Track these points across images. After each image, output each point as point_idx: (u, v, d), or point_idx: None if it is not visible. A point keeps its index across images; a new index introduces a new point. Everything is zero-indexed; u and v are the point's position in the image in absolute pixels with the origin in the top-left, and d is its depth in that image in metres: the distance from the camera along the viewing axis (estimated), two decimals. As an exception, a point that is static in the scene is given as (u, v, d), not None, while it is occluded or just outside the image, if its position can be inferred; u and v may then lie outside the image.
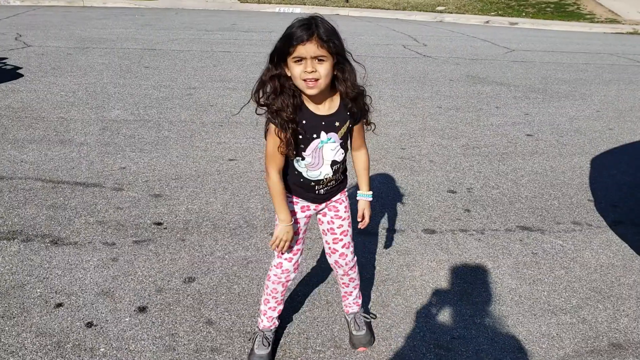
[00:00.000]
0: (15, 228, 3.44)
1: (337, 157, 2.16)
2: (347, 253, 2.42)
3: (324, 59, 1.90)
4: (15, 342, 2.45)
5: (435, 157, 5.07)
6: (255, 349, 2.42)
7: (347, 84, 1.99)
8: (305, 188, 2.21)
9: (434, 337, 2.64)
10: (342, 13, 19.30)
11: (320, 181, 2.19)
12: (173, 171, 4.44)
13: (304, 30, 1.86)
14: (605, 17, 19.86)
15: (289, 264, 2.34)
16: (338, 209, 2.34)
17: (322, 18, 1.92)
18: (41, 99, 6.27)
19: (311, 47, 1.86)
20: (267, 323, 2.47)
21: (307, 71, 1.88)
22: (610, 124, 6.39)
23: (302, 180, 2.18)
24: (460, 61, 10.08)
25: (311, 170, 2.15)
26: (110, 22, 13.17)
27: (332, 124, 2.07)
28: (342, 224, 2.36)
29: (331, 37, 1.89)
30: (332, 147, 2.12)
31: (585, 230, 3.81)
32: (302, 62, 1.89)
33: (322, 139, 2.08)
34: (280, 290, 2.41)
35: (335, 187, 2.28)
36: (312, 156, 2.11)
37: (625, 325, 2.80)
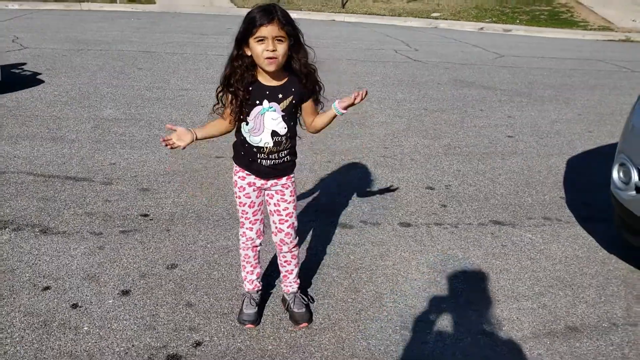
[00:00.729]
0: (7, 218, 3.60)
1: (278, 129, 2.37)
2: (292, 232, 2.65)
3: (282, 39, 2.20)
4: (4, 321, 2.60)
5: (416, 156, 5.24)
6: (243, 309, 2.71)
7: (300, 62, 2.31)
8: (248, 154, 2.44)
9: (401, 320, 2.80)
10: (338, 19, 19.52)
11: (261, 149, 2.40)
12: (162, 167, 4.60)
13: (265, 14, 2.16)
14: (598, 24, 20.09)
15: (251, 232, 2.65)
16: (284, 193, 2.58)
17: (279, 5, 2.23)
18: (35, 98, 6.43)
19: (273, 29, 2.17)
20: (249, 286, 2.76)
21: (269, 49, 2.18)
22: (590, 127, 6.57)
23: (247, 146, 2.43)
24: (449, 66, 10.27)
25: (253, 135, 2.39)
26: (106, 25, 13.35)
27: (275, 95, 2.34)
28: (287, 207, 2.60)
29: (289, 21, 2.21)
30: (273, 117, 2.36)
31: (555, 225, 3.98)
32: (264, 42, 2.18)
33: (264, 106, 2.34)
34: (252, 254, 2.70)
35: (279, 164, 2.47)
36: (254, 122, 2.36)
37: (582, 310, 2.96)
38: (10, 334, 2.52)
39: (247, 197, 2.57)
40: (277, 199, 2.58)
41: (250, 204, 2.59)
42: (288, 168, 2.54)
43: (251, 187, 2.54)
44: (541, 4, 22.36)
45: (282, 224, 2.62)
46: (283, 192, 2.57)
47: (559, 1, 22.57)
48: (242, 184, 2.54)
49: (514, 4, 22.13)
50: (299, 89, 2.37)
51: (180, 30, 13.15)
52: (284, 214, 2.60)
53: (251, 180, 2.53)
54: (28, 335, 2.52)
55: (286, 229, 2.63)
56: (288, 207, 2.60)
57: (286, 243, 2.67)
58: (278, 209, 2.60)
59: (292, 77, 2.36)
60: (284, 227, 2.63)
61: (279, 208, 2.59)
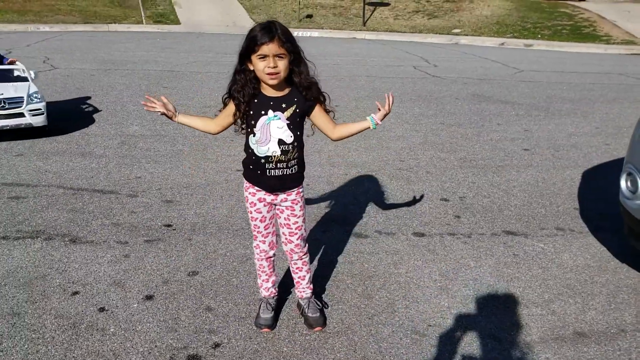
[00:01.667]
0: (39, 228, 3.80)
1: (284, 137, 2.48)
2: (301, 243, 2.78)
3: (283, 56, 2.33)
4: (37, 323, 2.78)
5: (432, 168, 5.34)
6: (260, 313, 2.84)
7: (301, 76, 2.43)
8: (257, 167, 2.53)
9: (412, 324, 2.89)
10: (359, 36, 19.79)
11: (269, 158, 2.49)
12: (185, 180, 4.79)
13: (266, 33, 2.29)
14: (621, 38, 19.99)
15: (264, 245, 2.76)
16: (294, 209, 2.69)
17: (279, 22, 2.36)
18: (65, 116, 6.71)
19: (273, 47, 2.29)
20: (265, 293, 2.89)
21: (270, 66, 2.31)
22: (607, 140, 6.60)
23: (254, 158, 2.52)
24: (468, 81, 10.37)
25: (260, 145, 2.48)
26: (132, 46, 13.76)
27: (279, 105, 2.46)
28: (297, 221, 2.72)
29: (289, 38, 2.33)
30: (278, 125, 2.46)
31: (568, 235, 4.04)
32: (266, 59, 2.31)
33: (269, 115, 2.45)
34: (266, 265, 2.82)
35: (287, 176, 2.56)
36: (261, 132, 2.46)
37: (592, 317, 3.02)
38: (42, 334, 2.69)
39: (258, 212, 2.67)
40: (288, 214, 2.69)
41: (262, 218, 2.69)
42: (296, 180, 2.63)
43: (262, 203, 2.65)
44: (563, 18, 22.33)
45: (292, 236, 2.75)
46: (293, 207, 2.68)
47: (581, 15, 22.51)
48: (253, 199, 2.64)
49: (536, 19, 22.15)
50: (302, 99, 2.50)
51: (204, 50, 13.49)
52: (294, 227, 2.73)
53: (261, 196, 2.63)
54: (58, 336, 2.68)
55: (296, 240, 2.76)
56: (298, 221, 2.72)
57: (296, 252, 2.80)
58: (288, 223, 2.72)
59: (294, 89, 2.49)
60: (293, 239, 2.75)
61: (289, 222, 2.71)
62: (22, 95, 5.77)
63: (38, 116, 5.81)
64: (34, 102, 5.81)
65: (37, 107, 5.81)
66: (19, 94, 5.76)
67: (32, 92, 5.89)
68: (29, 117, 5.73)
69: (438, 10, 23.64)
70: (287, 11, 23.31)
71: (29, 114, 5.73)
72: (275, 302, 2.91)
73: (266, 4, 24.52)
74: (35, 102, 5.83)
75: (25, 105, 5.72)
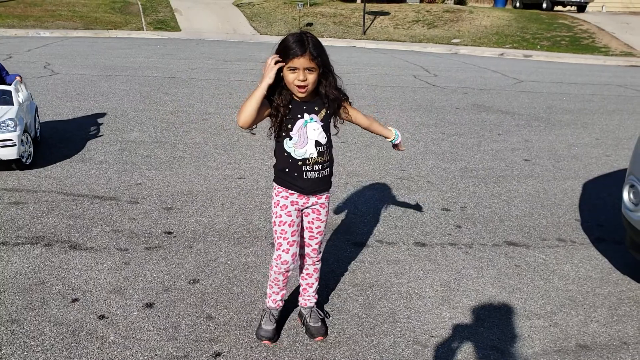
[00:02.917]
0: (38, 234, 3.78)
1: (319, 138, 2.51)
2: (318, 248, 2.80)
3: (313, 70, 2.37)
4: (36, 330, 2.75)
5: (433, 178, 5.34)
6: (262, 324, 2.79)
7: (327, 88, 2.48)
8: (294, 170, 2.53)
9: (414, 335, 2.88)
10: (359, 45, 19.83)
11: (306, 160, 2.51)
12: (185, 187, 4.77)
13: (298, 46, 2.31)
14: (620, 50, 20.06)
15: (287, 255, 2.66)
16: (320, 213, 2.70)
17: (311, 35, 2.38)
18: (65, 122, 6.70)
19: (304, 61, 2.33)
20: (272, 304, 2.82)
21: (300, 79, 2.36)
22: (607, 151, 6.61)
23: (291, 161, 2.52)
24: (468, 91, 10.39)
25: (297, 148, 2.50)
26: (133, 52, 13.78)
27: (312, 108, 2.51)
28: (320, 225, 2.73)
29: (320, 53, 2.36)
30: (314, 127, 2.50)
31: (569, 246, 4.03)
32: (296, 72, 2.35)
33: (305, 118, 2.49)
34: (282, 279, 2.74)
35: (322, 178, 2.58)
36: (298, 134, 2.49)
37: (594, 329, 3.01)
38: (41, 342, 2.67)
39: (288, 215, 2.61)
40: (313, 217, 2.69)
41: (291, 222, 2.62)
42: (328, 182, 2.66)
43: (293, 206, 2.61)
44: (562, 29, 22.41)
45: (311, 239, 2.75)
46: (319, 211, 2.69)
47: (580, 27, 22.60)
48: (285, 202, 2.60)
49: (535, 30, 22.23)
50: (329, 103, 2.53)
51: (204, 57, 13.51)
52: (316, 231, 2.73)
53: (294, 199, 2.60)
54: (57, 344, 2.66)
55: (314, 244, 2.76)
56: (321, 225, 2.73)
57: (311, 257, 2.80)
58: (310, 227, 2.71)
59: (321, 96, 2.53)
60: (312, 242, 2.76)
61: (311, 225, 2.71)
62: None
63: (6, 148, 4.74)
64: (4, 130, 4.76)
65: (6, 137, 4.73)
66: None
67: (6, 119, 4.85)
68: None
69: (438, 20, 23.72)
70: (288, 19, 23.37)
71: None
72: (279, 314, 2.86)
73: (267, 12, 24.60)
74: (5, 131, 4.76)
75: None
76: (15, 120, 4.90)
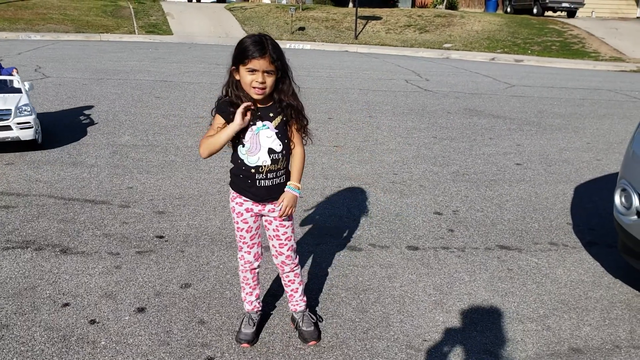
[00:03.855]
0: (29, 238, 3.75)
1: (273, 146, 2.48)
2: (292, 254, 2.77)
3: (272, 73, 2.34)
4: (26, 335, 2.72)
5: (425, 182, 5.35)
6: (242, 328, 2.78)
7: (281, 94, 2.45)
8: (247, 177, 2.51)
9: (407, 339, 2.87)
10: (351, 49, 19.87)
11: (259, 167, 2.49)
12: (177, 191, 4.75)
13: (258, 47, 2.28)
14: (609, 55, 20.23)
15: (249, 256, 2.72)
16: (282, 219, 2.66)
17: (270, 37, 2.35)
18: (57, 125, 6.66)
19: (264, 63, 2.29)
20: (248, 307, 2.84)
21: (258, 81, 2.32)
22: (598, 155, 6.65)
23: (244, 168, 2.50)
24: (460, 95, 10.43)
25: (250, 155, 2.48)
26: (125, 55, 13.73)
27: (267, 114, 2.46)
28: (286, 232, 2.70)
29: (279, 56, 2.33)
30: (267, 134, 2.47)
31: (561, 250, 4.04)
32: (255, 73, 2.31)
33: (257, 125, 2.45)
34: (250, 277, 2.77)
35: (276, 185, 2.56)
36: (250, 142, 2.46)
37: (587, 333, 3.02)
38: (31, 347, 2.64)
39: (244, 222, 2.64)
40: (276, 224, 2.67)
41: (248, 229, 2.65)
42: (283, 189, 2.60)
43: (249, 213, 2.62)
44: (553, 34, 22.58)
45: (282, 247, 2.72)
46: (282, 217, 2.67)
47: (570, 32, 22.78)
48: (240, 209, 2.61)
49: (526, 35, 22.37)
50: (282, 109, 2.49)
51: (196, 61, 13.49)
52: (284, 238, 2.70)
53: (249, 206, 2.60)
54: (48, 349, 2.63)
55: (286, 252, 2.74)
56: (287, 231, 2.70)
57: (287, 264, 2.77)
58: (277, 234, 2.69)
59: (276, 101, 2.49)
60: (284, 250, 2.73)
61: (278, 233, 2.69)
62: (10, 107, 5.52)
63: (26, 130, 5.55)
64: (22, 114, 5.55)
65: (26, 120, 5.56)
66: (8, 106, 5.53)
67: (22, 105, 5.65)
68: (16, 130, 5.50)
69: (429, 25, 23.82)
70: (280, 23, 23.39)
71: (16, 127, 5.49)
72: (258, 317, 2.85)
73: (259, 16, 24.61)
74: (25, 115, 5.57)
75: (12, 117, 5.48)
76: (30, 105, 5.80)
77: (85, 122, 6.89)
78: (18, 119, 5.52)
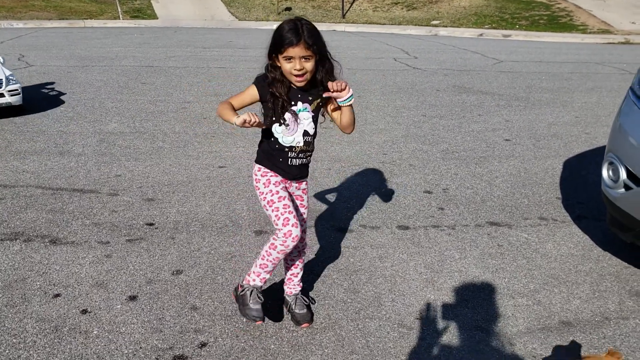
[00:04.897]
0: (17, 230, 3.72)
1: (308, 128, 2.51)
2: (304, 236, 2.77)
3: (309, 58, 2.33)
4: (17, 327, 2.71)
5: (415, 161, 5.35)
6: (250, 304, 2.61)
7: (323, 74, 2.43)
8: (279, 155, 2.53)
9: (399, 318, 2.89)
10: (339, 29, 19.73)
11: (293, 148, 2.51)
12: (166, 178, 4.72)
13: (293, 35, 2.27)
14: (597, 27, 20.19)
15: (297, 229, 2.47)
16: (303, 199, 2.72)
17: (306, 21, 2.33)
18: (42, 114, 6.59)
19: (299, 50, 2.28)
20: (259, 283, 2.67)
21: (297, 69, 2.32)
22: (587, 129, 6.67)
23: (277, 147, 2.51)
24: (448, 72, 10.40)
25: (287, 135, 2.49)
26: (109, 41, 13.56)
27: (306, 97, 2.48)
28: (304, 212, 2.74)
29: (315, 40, 2.31)
30: (305, 117, 2.49)
31: (551, 224, 4.07)
32: (292, 61, 2.31)
33: (298, 107, 2.47)
34: (282, 257, 2.57)
35: (302, 165, 2.60)
36: (291, 122, 2.47)
37: (576, 306, 3.05)
38: (23, 339, 2.63)
39: (284, 190, 2.56)
40: (297, 204, 2.69)
41: (289, 197, 2.56)
42: (307, 169, 2.66)
43: (283, 184, 2.59)
44: (540, 8, 22.49)
45: None
46: (302, 197, 2.71)
47: (558, 5, 22.69)
48: (277, 179, 2.55)
49: (513, 10, 22.27)
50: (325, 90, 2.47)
51: (182, 45, 13.34)
52: (300, 219, 2.70)
53: (281, 179, 2.59)
54: (40, 340, 2.62)
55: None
56: (304, 212, 2.74)
57: (297, 246, 2.75)
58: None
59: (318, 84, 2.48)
60: None
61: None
62: (1, 77, 6.33)
63: (16, 96, 6.39)
64: (11, 83, 6.39)
65: (15, 87, 6.41)
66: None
67: (8, 75, 6.49)
68: (8, 97, 6.30)
69: (417, 2, 23.66)
70: (266, 4, 23.15)
71: (8, 94, 6.30)
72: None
73: (244, -2, 24.32)
74: (12, 83, 6.42)
75: (4, 86, 6.30)
76: (14, 75, 6.69)
77: (71, 111, 6.82)
78: (9, 87, 6.37)
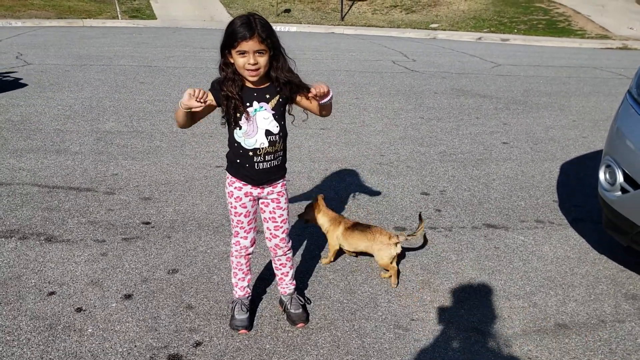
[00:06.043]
0: (13, 227, 3.70)
1: (270, 127, 2.45)
2: (286, 237, 2.76)
3: (263, 52, 2.29)
4: (11, 324, 2.70)
5: (412, 163, 5.35)
6: (235, 315, 2.76)
7: (278, 72, 2.39)
8: (245, 160, 2.48)
9: (395, 319, 2.88)
10: (337, 31, 19.73)
11: (257, 151, 2.45)
12: (163, 177, 4.71)
13: (246, 29, 2.22)
14: (595, 32, 20.24)
15: (246, 241, 2.70)
16: (280, 201, 2.67)
17: (259, 16, 2.28)
18: (39, 113, 6.57)
19: (253, 44, 2.24)
20: (240, 292, 2.81)
21: (250, 63, 2.27)
22: (584, 133, 6.68)
23: (242, 151, 2.47)
24: (447, 75, 10.41)
25: (247, 138, 2.44)
26: (108, 41, 13.55)
27: (263, 96, 2.43)
28: (282, 214, 2.69)
29: (269, 34, 2.27)
30: (264, 116, 2.43)
31: (547, 227, 4.07)
32: (246, 55, 2.27)
33: (254, 107, 2.42)
34: (244, 262, 2.75)
35: (274, 167, 2.54)
36: (247, 124, 2.42)
37: (572, 308, 3.05)
38: (17, 336, 2.62)
39: (243, 207, 2.61)
40: (273, 207, 2.66)
41: (246, 213, 2.63)
42: (281, 171, 2.61)
43: (247, 197, 2.59)
44: (539, 13, 22.55)
45: (277, 230, 2.71)
46: (279, 200, 2.65)
47: (556, 10, 22.75)
48: (239, 194, 2.58)
49: (512, 14, 22.32)
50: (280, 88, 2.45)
51: (181, 45, 13.33)
52: (279, 220, 2.69)
53: (248, 190, 2.57)
54: (34, 338, 2.61)
55: (281, 234, 2.73)
56: (283, 214, 2.69)
57: (281, 247, 2.76)
58: (273, 217, 2.68)
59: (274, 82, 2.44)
60: (279, 233, 2.72)
61: (274, 215, 2.67)
62: None
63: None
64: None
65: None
66: None
67: None
68: None
69: (416, 5, 23.69)
70: (265, 5, 23.15)
71: None
72: (249, 302, 2.84)
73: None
74: None
75: None
76: None
77: (69, 109, 6.80)
78: None
